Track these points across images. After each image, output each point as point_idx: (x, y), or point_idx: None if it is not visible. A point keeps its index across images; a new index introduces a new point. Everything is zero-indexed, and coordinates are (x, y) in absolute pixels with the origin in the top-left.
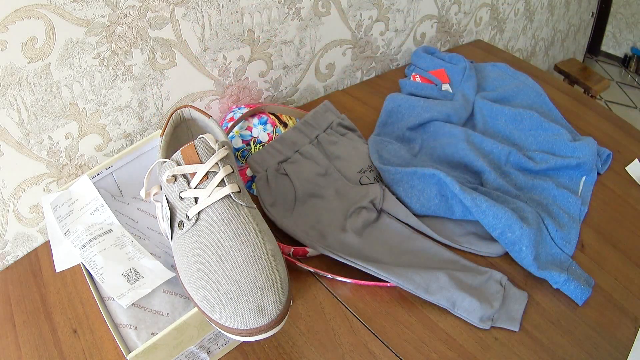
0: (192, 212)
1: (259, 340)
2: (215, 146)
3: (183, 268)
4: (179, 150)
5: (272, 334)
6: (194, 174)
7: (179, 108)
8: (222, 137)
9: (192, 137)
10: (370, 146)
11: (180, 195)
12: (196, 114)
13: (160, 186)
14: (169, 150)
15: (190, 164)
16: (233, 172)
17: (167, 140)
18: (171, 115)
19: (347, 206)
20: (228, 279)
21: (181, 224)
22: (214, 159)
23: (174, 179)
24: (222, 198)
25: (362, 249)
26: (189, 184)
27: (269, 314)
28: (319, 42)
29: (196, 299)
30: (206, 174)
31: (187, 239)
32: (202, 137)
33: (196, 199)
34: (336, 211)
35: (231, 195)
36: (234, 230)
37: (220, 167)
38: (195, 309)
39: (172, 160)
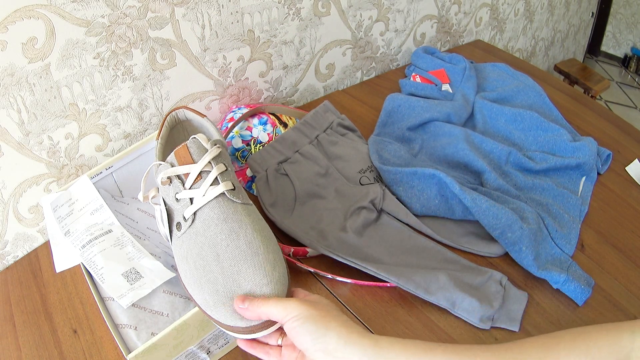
0: (188, 213)
1: (260, 337)
2: (207, 145)
3: (183, 269)
4: (172, 152)
5: (273, 329)
6: (188, 174)
7: (173, 110)
8: (215, 136)
9: (189, 138)
10: (370, 146)
11: (176, 196)
12: (191, 115)
13: (158, 189)
14: (166, 152)
15: (183, 164)
16: (227, 169)
17: (162, 143)
18: (165, 118)
19: (347, 206)
20: (226, 277)
21: (179, 225)
22: (207, 158)
23: (169, 181)
24: (216, 196)
25: (362, 249)
26: (183, 185)
27: None
28: (319, 42)
29: (197, 299)
30: (200, 173)
31: (186, 240)
32: (195, 137)
33: (191, 199)
34: (336, 211)
35: (225, 193)
36: (229, 228)
37: (213, 166)
38: (196, 309)
39: (167, 162)
